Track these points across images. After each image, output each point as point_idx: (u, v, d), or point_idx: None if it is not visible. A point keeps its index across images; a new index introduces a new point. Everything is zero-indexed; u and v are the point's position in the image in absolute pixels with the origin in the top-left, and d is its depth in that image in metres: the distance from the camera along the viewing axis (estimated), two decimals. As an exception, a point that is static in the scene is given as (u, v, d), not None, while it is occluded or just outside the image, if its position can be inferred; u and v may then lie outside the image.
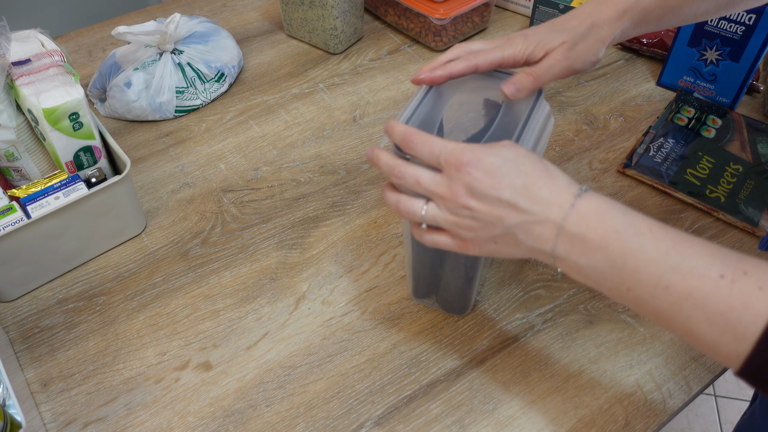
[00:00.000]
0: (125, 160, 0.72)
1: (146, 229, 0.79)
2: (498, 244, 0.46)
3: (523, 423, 0.60)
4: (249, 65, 1.03)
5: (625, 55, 1.03)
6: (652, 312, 0.41)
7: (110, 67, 0.93)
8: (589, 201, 0.42)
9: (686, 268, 0.39)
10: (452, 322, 0.68)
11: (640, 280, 0.40)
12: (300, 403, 0.62)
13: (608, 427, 0.60)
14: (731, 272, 0.38)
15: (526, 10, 1.11)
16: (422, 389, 0.63)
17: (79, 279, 0.74)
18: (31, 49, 0.75)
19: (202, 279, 0.73)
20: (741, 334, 0.37)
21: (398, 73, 1.01)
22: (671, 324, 0.41)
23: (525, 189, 0.43)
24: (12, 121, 0.71)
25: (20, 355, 0.67)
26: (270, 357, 0.66)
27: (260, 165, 0.86)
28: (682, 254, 0.39)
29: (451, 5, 0.99)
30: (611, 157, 0.86)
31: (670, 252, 0.39)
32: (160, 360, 0.66)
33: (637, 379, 0.63)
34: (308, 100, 0.96)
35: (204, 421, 0.61)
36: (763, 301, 0.36)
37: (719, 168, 0.81)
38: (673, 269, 0.39)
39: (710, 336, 0.38)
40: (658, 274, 0.39)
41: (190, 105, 0.94)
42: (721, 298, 0.37)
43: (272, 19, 1.13)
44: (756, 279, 0.37)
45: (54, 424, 0.61)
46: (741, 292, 0.37)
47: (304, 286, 0.72)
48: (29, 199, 0.68)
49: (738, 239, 0.75)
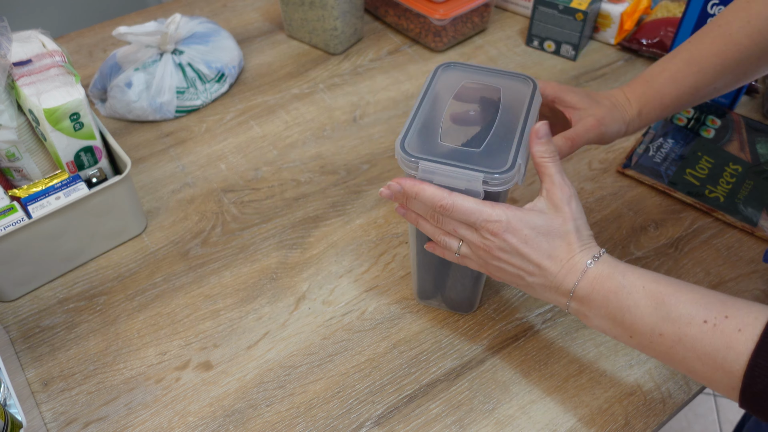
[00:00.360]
0: (126, 161, 0.72)
1: (147, 229, 0.79)
2: (519, 287, 0.55)
3: (523, 423, 0.60)
4: (249, 66, 1.03)
5: (625, 55, 1.03)
6: (655, 354, 0.48)
7: (111, 68, 0.93)
8: (598, 268, 0.50)
9: (674, 317, 0.46)
10: (452, 322, 0.68)
11: (638, 331, 0.48)
12: (300, 403, 0.62)
13: (608, 427, 0.60)
14: (713, 317, 0.44)
15: (526, 10, 1.11)
16: (422, 389, 0.63)
17: (80, 279, 0.74)
18: (32, 49, 0.75)
19: (202, 279, 0.73)
20: (729, 371, 0.42)
21: (398, 73, 1.01)
22: (673, 364, 0.48)
23: (549, 258, 0.50)
24: (13, 122, 0.72)
25: (21, 355, 0.67)
26: (270, 357, 0.66)
27: (260, 165, 0.87)
28: (670, 306, 0.46)
29: (451, 6, 0.99)
30: (611, 158, 0.86)
31: (660, 305, 0.46)
32: (160, 360, 0.66)
33: (636, 378, 0.63)
34: (308, 100, 0.97)
35: (204, 420, 0.61)
36: (743, 342, 0.42)
37: (718, 168, 0.81)
38: (663, 319, 0.46)
39: (705, 373, 0.45)
40: (651, 325, 0.47)
41: (191, 105, 0.94)
42: (706, 342, 0.44)
43: (272, 19, 1.13)
44: (736, 322, 0.43)
45: (55, 423, 0.62)
46: (723, 334, 0.43)
47: (305, 286, 0.72)
48: (30, 199, 0.68)
49: (737, 239, 0.75)
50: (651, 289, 0.47)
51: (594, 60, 1.02)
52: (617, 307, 0.48)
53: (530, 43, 1.05)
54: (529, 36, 1.04)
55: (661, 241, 0.75)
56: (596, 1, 0.99)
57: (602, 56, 1.03)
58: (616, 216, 0.78)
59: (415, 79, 0.99)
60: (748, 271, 0.72)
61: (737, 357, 0.42)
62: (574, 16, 0.97)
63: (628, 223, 0.78)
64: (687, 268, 0.72)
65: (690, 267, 0.73)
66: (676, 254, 0.74)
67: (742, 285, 0.71)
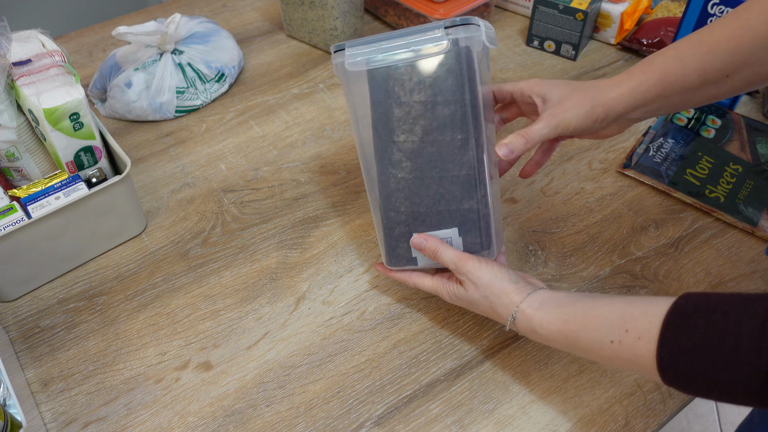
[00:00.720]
0: (126, 160, 0.72)
1: (146, 229, 0.79)
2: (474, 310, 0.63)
3: (523, 423, 0.60)
4: (249, 65, 1.03)
5: (625, 55, 1.03)
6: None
7: (111, 68, 0.93)
8: (517, 325, 0.58)
9: (588, 348, 0.52)
10: (452, 322, 0.68)
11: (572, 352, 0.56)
12: (300, 403, 0.62)
13: (608, 427, 0.60)
14: (617, 336, 0.49)
15: (526, 10, 1.11)
16: (422, 389, 0.63)
17: (80, 279, 0.74)
18: (32, 49, 0.75)
19: (202, 279, 0.73)
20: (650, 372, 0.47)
21: (398, 73, 1.01)
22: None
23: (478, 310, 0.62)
24: (13, 122, 0.72)
25: (21, 355, 0.67)
26: (270, 357, 0.66)
27: (260, 165, 0.87)
28: (583, 340, 0.53)
29: (451, 5, 0.99)
30: (611, 157, 0.86)
31: (575, 343, 0.53)
32: (160, 360, 0.66)
33: (636, 378, 0.63)
34: (308, 100, 0.96)
35: (204, 420, 0.61)
36: (645, 346, 0.47)
37: (719, 168, 0.81)
38: (584, 351, 0.53)
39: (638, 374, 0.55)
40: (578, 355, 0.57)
41: (191, 105, 0.94)
42: (620, 356, 0.49)
43: (272, 19, 1.13)
44: (635, 333, 0.48)
45: (54, 423, 0.61)
46: (629, 348, 0.48)
47: (304, 286, 0.72)
48: (30, 199, 0.68)
49: (737, 239, 0.75)
50: (564, 332, 0.54)
51: (594, 60, 1.02)
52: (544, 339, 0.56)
53: (530, 43, 1.05)
54: (529, 36, 1.04)
55: (661, 241, 0.75)
56: (596, 0, 0.99)
57: (602, 56, 1.03)
58: (616, 216, 0.78)
59: (415, 79, 0.99)
60: (748, 271, 0.72)
61: (645, 361, 0.47)
62: (575, 16, 0.97)
63: (628, 223, 0.77)
64: (687, 268, 0.72)
65: (690, 267, 0.72)
66: (676, 254, 0.74)
67: (742, 285, 0.71)
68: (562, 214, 0.79)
